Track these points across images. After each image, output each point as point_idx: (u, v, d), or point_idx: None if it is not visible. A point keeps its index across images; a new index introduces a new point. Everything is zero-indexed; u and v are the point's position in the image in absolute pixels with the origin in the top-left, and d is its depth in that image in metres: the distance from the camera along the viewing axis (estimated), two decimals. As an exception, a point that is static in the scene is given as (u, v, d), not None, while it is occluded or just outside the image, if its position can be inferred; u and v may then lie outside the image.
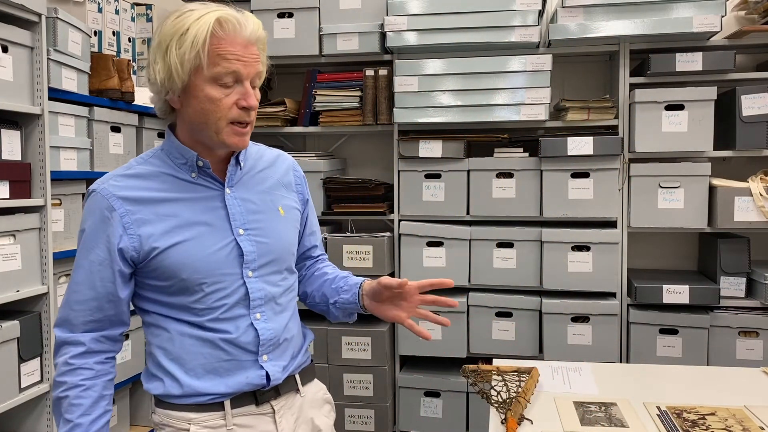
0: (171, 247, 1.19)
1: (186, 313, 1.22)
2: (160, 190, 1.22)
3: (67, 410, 1.17)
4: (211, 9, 1.15)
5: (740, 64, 2.82)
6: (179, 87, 1.16)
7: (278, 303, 1.29)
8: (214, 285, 1.21)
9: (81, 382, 1.18)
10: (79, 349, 1.20)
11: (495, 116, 2.71)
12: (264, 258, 1.26)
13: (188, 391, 1.22)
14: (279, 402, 1.28)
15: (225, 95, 1.16)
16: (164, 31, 1.16)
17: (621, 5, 2.59)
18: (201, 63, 1.13)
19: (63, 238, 2.43)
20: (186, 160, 1.24)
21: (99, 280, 1.19)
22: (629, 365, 2.31)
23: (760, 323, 2.57)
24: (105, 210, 1.19)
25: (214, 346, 1.22)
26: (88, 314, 1.20)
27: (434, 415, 2.85)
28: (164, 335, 1.23)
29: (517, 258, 2.75)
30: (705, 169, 2.60)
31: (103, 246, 1.19)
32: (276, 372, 1.26)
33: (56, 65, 2.31)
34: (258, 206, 1.28)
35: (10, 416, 2.24)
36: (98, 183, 1.23)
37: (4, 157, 2.13)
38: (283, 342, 1.29)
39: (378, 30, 2.81)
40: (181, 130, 1.25)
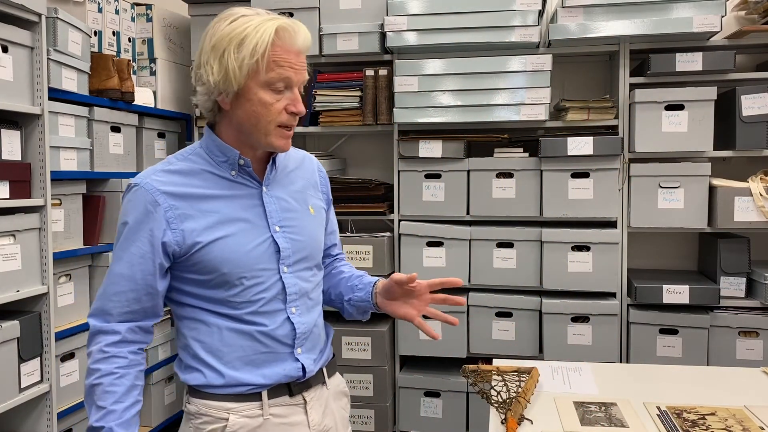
0: (213, 242, 1.22)
1: (225, 306, 1.25)
2: (201, 186, 1.25)
3: (101, 397, 1.19)
4: (268, 17, 1.20)
5: (740, 64, 2.82)
6: (234, 90, 1.20)
7: (310, 298, 1.34)
8: (252, 279, 1.25)
9: (115, 369, 1.20)
10: (114, 338, 1.22)
11: (495, 116, 2.71)
12: (298, 254, 1.31)
13: (229, 382, 1.25)
14: (310, 393, 1.33)
15: (276, 100, 1.21)
16: (220, 35, 1.19)
17: (621, 5, 2.59)
18: (258, 69, 1.18)
19: (63, 238, 2.43)
20: (227, 159, 1.27)
21: (140, 273, 1.22)
22: (629, 365, 2.31)
23: (760, 323, 2.57)
24: (149, 204, 1.21)
25: (252, 338, 1.26)
26: (126, 305, 1.23)
27: (434, 415, 2.85)
28: (202, 328, 1.27)
29: (517, 258, 2.75)
30: (705, 169, 2.60)
31: (145, 239, 1.21)
32: (310, 364, 1.32)
33: (56, 65, 2.31)
34: (291, 205, 1.33)
35: (10, 416, 2.24)
36: (140, 178, 1.25)
37: (4, 157, 2.13)
38: (314, 336, 1.34)
39: (378, 30, 2.81)
40: (224, 129, 1.28)
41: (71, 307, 2.50)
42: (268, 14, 1.22)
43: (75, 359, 2.48)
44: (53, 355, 2.29)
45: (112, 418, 1.18)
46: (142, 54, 3.10)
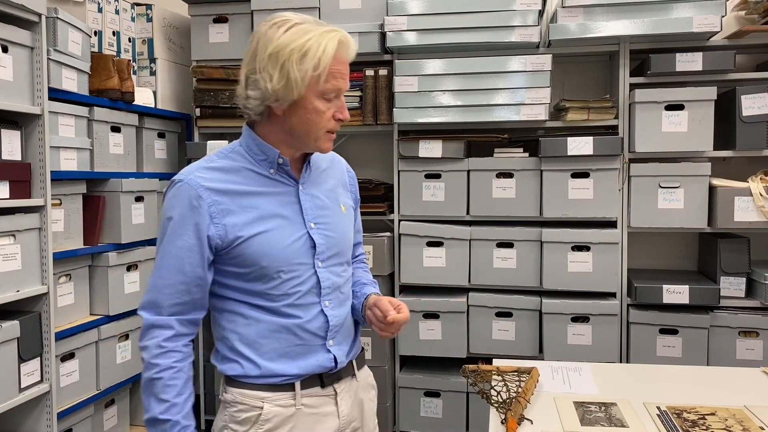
0: (254, 236, 1.27)
1: (262, 298, 1.30)
2: (241, 183, 1.30)
3: (162, 391, 1.24)
4: (325, 28, 1.24)
5: (740, 64, 2.82)
6: (293, 99, 1.24)
7: (342, 292, 1.40)
8: (289, 273, 1.30)
9: (173, 364, 1.26)
10: (170, 333, 1.26)
11: (495, 116, 2.71)
12: (331, 250, 1.36)
13: (265, 372, 1.30)
14: (340, 385, 1.38)
15: (327, 108, 1.27)
16: (279, 44, 1.22)
17: (621, 5, 2.59)
18: (319, 80, 1.23)
19: (63, 238, 2.43)
20: (266, 157, 1.32)
21: (188, 265, 1.26)
22: (629, 365, 2.31)
23: (760, 323, 2.57)
24: (193, 199, 1.26)
25: (288, 330, 1.31)
26: (177, 297, 1.27)
27: (434, 415, 2.85)
28: (240, 320, 1.32)
29: (517, 258, 2.75)
30: (705, 169, 2.60)
31: (192, 233, 1.26)
32: (341, 356, 1.37)
33: (56, 65, 2.31)
34: (324, 203, 1.38)
35: (10, 416, 2.24)
36: (184, 174, 1.29)
37: (4, 157, 2.13)
38: (344, 328, 1.40)
39: (378, 30, 2.81)
40: (267, 130, 1.32)
41: (71, 307, 2.50)
42: (317, 23, 1.26)
43: (75, 359, 2.48)
44: (53, 355, 2.29)
45: (176, 410, 1.24)
46: (142, 54, 3.10)
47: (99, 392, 2.61)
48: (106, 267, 2.61)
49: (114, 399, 2.80)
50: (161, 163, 3.09)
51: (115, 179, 2.67)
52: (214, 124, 3.03)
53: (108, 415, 2.76)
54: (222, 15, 3.03)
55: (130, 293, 2.75)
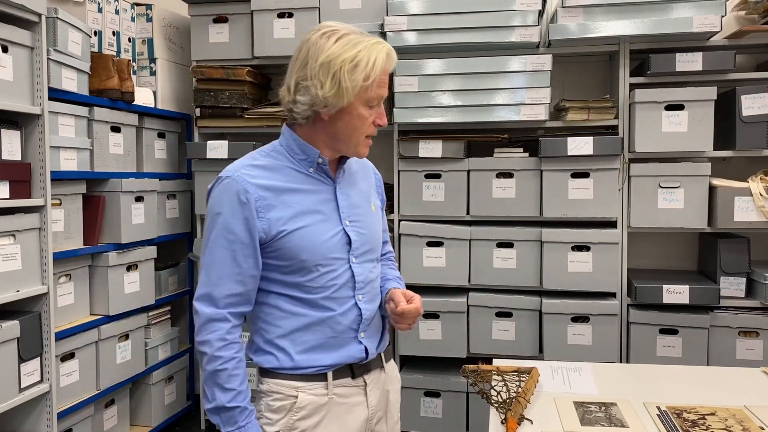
0: (295, 231, 1.33)
1: (300, 291, 1.36)
2: (283, 180, 1.36)
3: (228, 380, 1.32)
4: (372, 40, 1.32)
5: (740, 64, 2.82)
6: (341, 106, 1.31)
7: (374, 287, 1.46)
8: (327, 267, 1.36)
9: (235, 354, 1.32)
10: (228, 325, 1.32)
11: (495, 116, 2.71)
12: (364, 246, 1.42)
13: (299, 364, 1.36)
14: (370, 376, 1.44)
15: (370, 115, 1.35)
16: (330, 54, 1.29)
17: (621, 5, 2.59)
18: (367, 90, 1.31)
19: (63, 238, 2.43)
20: (307, 157, 1.38)
21: (242, 258, 1.32)
22: (629, 365, 2.31)
23: (760, 323, 2.57)
24: (241, 194, 1.31)
25: (323, 323, 1.37)
26: (232, 289, 1.32)
27: (434, 415, 2.85)
28: (277, 314, 1.38)
29: (517, 258, 2.75)
30: (705, 169, 2.60)
31: (243, 226, 1.31)
32: (372, 348, 1.43)
33: (56, 65, 2.31)
34: (357, 201, 1.45)
35: (10, 416, 2.24)
36: (231, 171, 1.35)
37: (4, 157, 2.13)
38: (375, 322, 1.46)
39: (378, 30, 2.81)
40: (311, 132, 1.38)
41: (71, 307, 2.50)
42: (362, 34, 1.33)
43: (75, 359, 2.48)
44: (53, 355, 2.29)
45: (242, 397, 1.32)
46: (142, 54, 3.10)
47: (99, 392, 2.61)
48: (106, 267, 2.61)
49: (114, 399, 2.80)
50: (161, 163, 3.09)
51: (115, 179, 2.67)
52: (214, 124, 3.03)
53: (108, 415, 2.76)
54: (222, 15, 3.03)
55: (130, 293, 2.75)
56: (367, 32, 1.35)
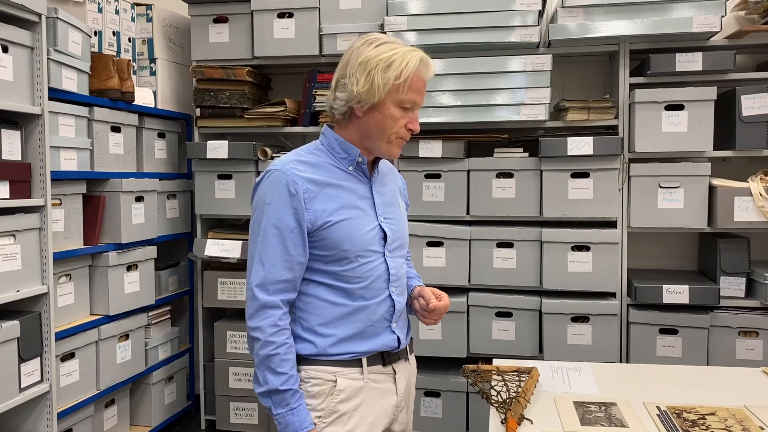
0: (338, 222, 1.42)
1: (340, 280, 1.44)
2: (326, 176, 1.45)
3: (279, 365, 1.38)
4: (409, 47, 1.43)
5: (740, 64, 2.82)
6: (373, 102, 1.40)
7: (402, 282, 1.55)
8: (366, 258, 1.44)
9: (286, 340, 1.40)
10: (279, 312, 1.40)
11: (495, 116, 2.71)
12: (396, 242, 1.52)
13: (337, 350, 1.43)
14: (398, 366, 1.52)
15: (401, 116, 1.44)
16: (368, 55, 1.40)
17: (621, 5, 2.59)
18: (399, 89, 1.40)
19: (63, 238, 2.43)
20: (347, 155, 1.48)
21: (291, 245, 1.40)
22: (629, 365, 2.31)
23: (760, 323, 2.57)
24: (290, 186, 1.39)
25: (359, 311, 1.44)
26: (282, 274, 1.40)
27: (434, 415, 2.85)
28: (317, 303, 1.45)
29: (517, 258, 2.75)
30: (705, 169, 2.60)
31: (292, 216, 1.39)
32: (403, 337, 1.52)
33: (56, 65, 2.31)
34: (389, 200, 1.55)
35: (10, 416, 2.24)
36: (279, 164, 1.43)
37: (4, 157, 2.13)
38: (403, 314, 1.55)
39: (378, 30, 2.81)
40: (348, 131, 1.48)
41: (71, 307, 2.50)
42: (404, 43, 1.44)
43: (75, 359, 2.48)
44: (53, 355, 2.29)
45: (294, 381, 1.39)
46: (142, 54, 3.10)
47: (99, 392, 2.61)
48: (106, 267, 2.61)
49: (114, 399, 2.80)
50: (161, 163, 3.09)
51: (115, 179, 2.67)
52: (214, 124, 3.03)
53: (108, 415, 2.76)
54: (222, 15, 3.03)
55: (130, 293, 2.75)
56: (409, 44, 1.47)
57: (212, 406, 3.14)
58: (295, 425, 1.37)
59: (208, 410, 3.17)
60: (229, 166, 2.96)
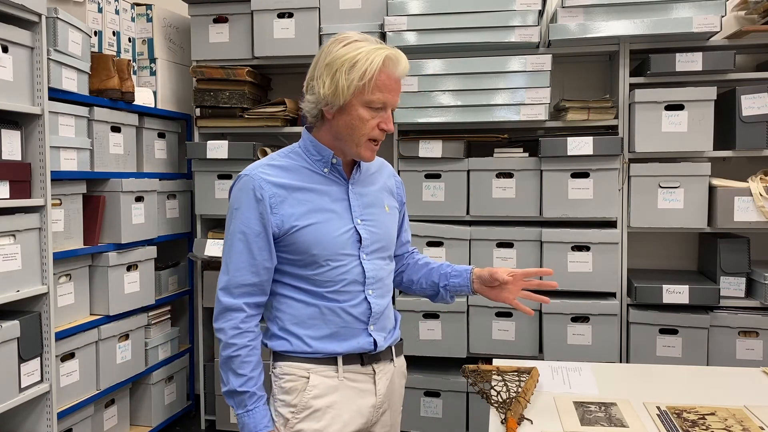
0: (307, 226, 1.41)
1: (310, 283, 1.44)
2: (298, 179, 1.45)
3: (240, 366, 1.41)
4: (377, 46, 1.38)
5: (740, 64, 2.82)
6: (339, 104, 1.38)
7: (384, 283, 1.53)
8: (336, 262, 1.43)
9: (248, 342, 1.42)
10: (242, 315, 1.42)
11: (495, 116, 2.71)
12: (375, 244, 1.49)
13: (313, 350, 1.44)
14: (379, 366, 1.50)
15: (372, 117, 1.40)
16: (335, 56, 1.37)
17: (621, 5, 2.59)
18: (364, 90, 1.37)
19: (63, 238, 2.43)
20: (322, 157, 1.47)
21: (257, 249, 1.41)
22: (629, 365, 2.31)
23: (760, 323, 2.57)
24: (256, 191, 1.40)
25: (333, 313, 1.44)
26: (247, 278, 1.41)
27: (434, 415, 2.85)
28: (291, 303, 1.46)
29: (517, 258, 2.75)
30: (705, 169, 2.60)
31: (257, 221, 1.40)
32: (381, 340, 1.50)
33: (56, 65, 2.31)
34: (371, 201, 1.52)
35: (10, 416, 2.24)
36: (249, 170, 1.44)
37: (4, 157, 2.13)
38: (384, 317, 1.52)
39: (378, 30, 2.81)
40: (323, 133, 1.46)
41: (71, 307, 2.50)
42: (377, 42, 1.40)
43: (75, 359, 2.48)
44: (53, 355, 2.29)
45: (252, 383, 1.41)
46: (142, 54, 3.10)
47: (99, 392, 2.61)
48: (106, 267, 2.61)
49: (114, 399, 2.80)
50: (161, 163, 3.09)
51: (115, 179, 2.67)
52: (214, 124, 3.03)
53: (108, 415, 2.76)
54: (222, 15, 3.03)
55: (130, 293, 2.75)
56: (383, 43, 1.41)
57: (212, 406, 3.14)
58: (249, 426, 1.40)
59: (208, 410, 3.17)
60: (229, 166, 2.96)
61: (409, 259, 1.73)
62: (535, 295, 1.60)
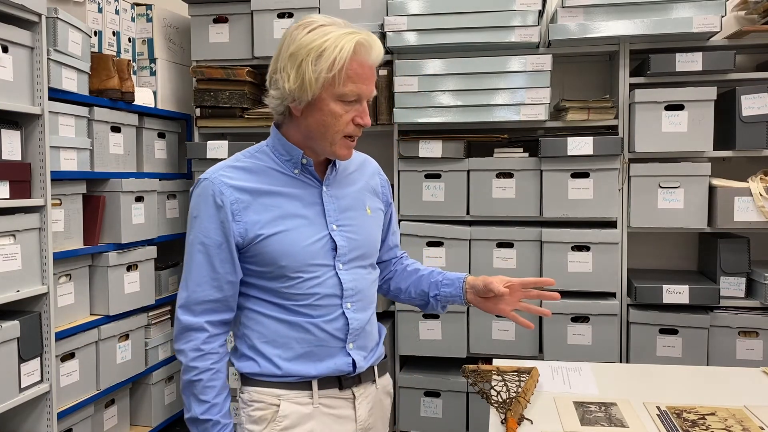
0: (273, 235, 1.27)
1: (281, 298, 1.30)
2: (264, 182, 1.30)
3: (202, 392, 1.28)
4: (346, 30, 1.24)
5: (740, 64, 2.82)
6: (307, 99, 1.24)
7: (366, 295, 1.39)
8: (308, 273, 1.30)
9: (211, 366, 1.28)
10: (204, 335, 1.28)
11: (495, 116, 2.71)
12: (354, 252, 1.35)
13: (282, 372, 1.31)
14: (359, 389, 1.37)
15: (345, 111, 1.26)
16: (299, 44, 1.23)
17: (621, 5, 2.59)
18: (334, 82, 1.23)
19: (63, 238, 2.43)
20: (291, 157, 1.33)
21: (219, 262, 1.28)
22: (629, 365, 2.31)
23: (760, 323, 2.57)
24: (216, 197, 1.27)
25: (306, 330, 1.30)
26: (208, 295, 1.28)
27: (434, 415, 2.85)
28: (259, 318, 1.32)
29: (517, 258, 2.75)
30: (705, 169, 2.60)
31: (218, 230, 1.27)
32: (360, 360, 1.36)
33: (56, 65, 2.31)
34: (349, 204, 1.38)
35: (10, 416, 2.24)
36: (209, 173, 1.30)
37: (4, 157, 2.13)
38: (366, 333, 1.39)
39: (378, 30, 2.81)
40: (291, 131, 1.33)
41: (71, 307, 2.50)
42: (345, 25, 1.27)
43: (75, 359, 2.48)
44: (53, 355, 2.29)
45: (216, 410, 1.29)
46: (142, 54, 3.10)
47: (99, 392, 2.61)
48: (106, 267, 2.61)
49: (114, 399, 2.80)
50: (161, 163, 3.09)
51: (115, 179, 2.67)
52: (214, 124, 3.03)
53: (108, 415, 2.76)
54: (222, 15, 3.03)
55: (130, 293, 2.75)
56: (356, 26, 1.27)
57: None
58: None
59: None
60: (229, 166, 2.96)
61: (398, 265, 1.59)
62: (535, 308, 1.48)
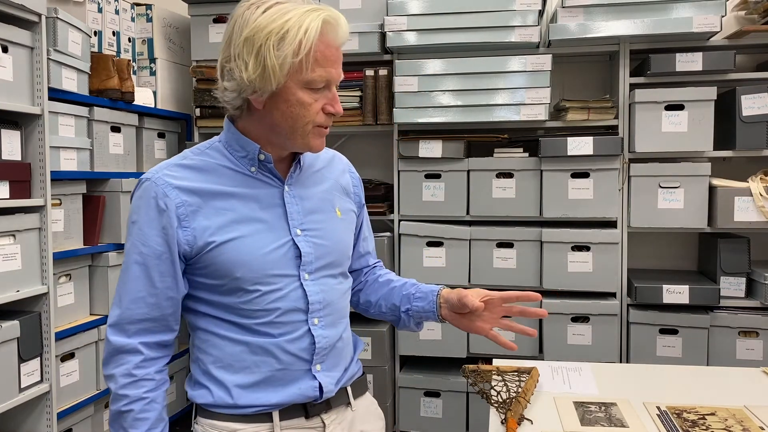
0: (227, 242, 1.12)
1: (237, 315, 1.15)
2: (216, 182, 1.15)
3: (132, 425, 1.11)
4: (307, 7, 1.09)
5: (740, 64, 2.82)
6: (271, 89, 1.08)
7: (336, 308, 1.23)
8: (268, 286, 1.14)
9: (144, 394, 1.12)
10: (138, 358, 1.13)
11: (495, 116, 2.71)
12: (321, 260, 1.20)
13: (237, 402, 1.15)
14: (330, 416, 1.22)
15: (314, 100, 1.12)
16: (255, 27, 1.06)
17: (621, 5, 2.59)
18: (301, 68, 1.08)
19: (63, 238, 2.43)
20: (246, 153, 1.17)
21: (158, 275, 1.12)
22: (629, 365, 2.31)
23: (760, 323, 2.57)
24: (159, 199, 1.11)
25: (266, 352, 1.15)
26: (145, 313, 1.13)
27: (434, 415, 2.85)
28: (213, 340, 1.17)
29: (517, 258, 2.75)
30: (705, 169, 2.60)
31: (159, 238, 1.11)
32: (329, 384, 1.20)
33: (56, 65, 2.31)
34: (315, 206, 1.22)
35: (10, 416, 2.24)
36: (151, 172, 1.15)
37: (4, 157, 2.12)
38: (336, 351, 1.23)
39: (378, 30, 2.81)
40: (249, 124, 1.16)
41: (71, 307, 2.50)
42: (303, 1, 1.11)
43: (75, 359, 2.48)
44: (53, 355, 2.29)
45: None
46: (142, 54, 3.10)
47: (99, 392, 2.61)
48: (106, 267, 2.61)
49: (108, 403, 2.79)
50: (161, 163, 3.08)
51: (115, 179, 2.67)
52: (214, 124, 3.03)
53: (108, 415, 2.76)
54: (222, 15, 3.02)
55: (130, 293, 2.74)
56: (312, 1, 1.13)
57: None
58: None
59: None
60: (229, 166, 2.96)
61: (369, 275, 1.42)
62: (518, 326, 1.34)
